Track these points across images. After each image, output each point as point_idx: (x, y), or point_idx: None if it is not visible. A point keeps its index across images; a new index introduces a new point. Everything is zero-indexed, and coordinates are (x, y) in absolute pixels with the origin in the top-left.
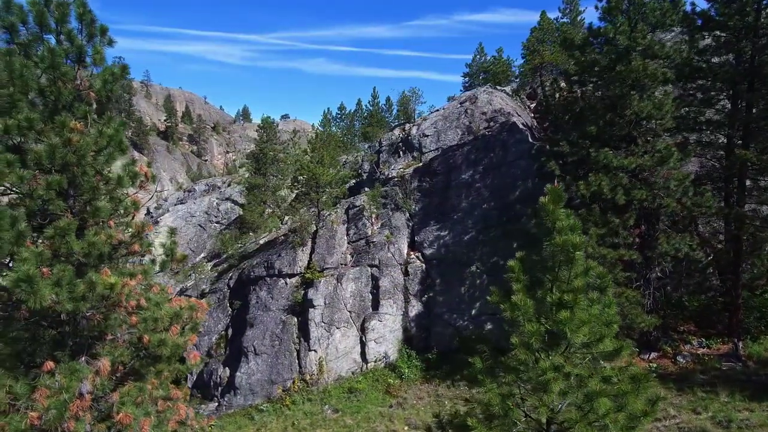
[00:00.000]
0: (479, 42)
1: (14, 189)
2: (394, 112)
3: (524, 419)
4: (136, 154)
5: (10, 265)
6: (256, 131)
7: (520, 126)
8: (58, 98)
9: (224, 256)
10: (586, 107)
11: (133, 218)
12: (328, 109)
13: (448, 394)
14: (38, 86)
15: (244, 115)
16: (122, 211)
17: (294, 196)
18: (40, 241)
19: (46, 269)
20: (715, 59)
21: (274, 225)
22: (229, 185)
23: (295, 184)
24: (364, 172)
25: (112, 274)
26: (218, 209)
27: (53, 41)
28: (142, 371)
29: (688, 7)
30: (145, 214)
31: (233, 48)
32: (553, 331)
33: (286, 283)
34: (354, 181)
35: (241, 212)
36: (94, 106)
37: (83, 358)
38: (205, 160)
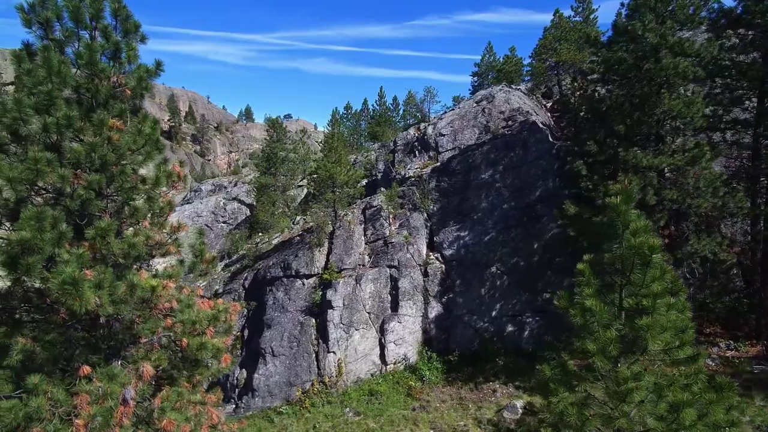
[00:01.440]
0: (488, 41)
1: (50, 189)
2: (401, 111)
3: (601, 430)
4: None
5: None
6: (266, 131)
7: (540, 125)
8: (95, 96)
9: (235, 256)
10: (613, 106)
11: (166, 219)
12: (336, 108)
13: (471, 397)
14: (76, 83)
15: (247, 114)
16: (157, 211)
17: (303, 195)
18: (79, 242)
19: (88, 271)
20: (741, 57)
21: (286, 225)
22: (235, 185)
23: (311, 183)
24: (379, 172)
25: (150, 276)
26: (225, 209)
27: (86, 38)
28: (175, 375)
29: (715, 5)
30: None
31: (234, 48)
32: (625, 338)
33: (303, 284)
34: (365, 181)
35: (249, 212)
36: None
37: (119, 362)
38: (209, 160)
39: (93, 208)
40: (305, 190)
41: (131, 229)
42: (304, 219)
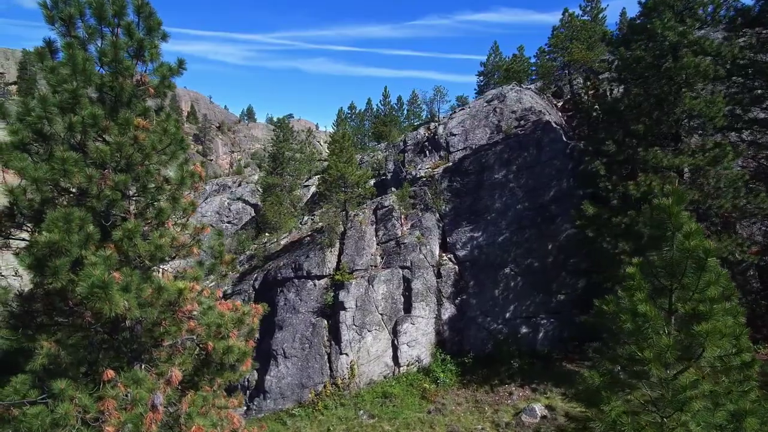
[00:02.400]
0: (494, 40)
1: (72, 190)
2: (405, 111)
3: None
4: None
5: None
6: (273, 131)
7: (554, 125)
8: (120, 95)
9: (243, 257)
10: (631, 105)
11: (188, 220)
12: (342, 108)
13: (487, 399)
14: (100, 81)
15: (249, 114)
16: (180, 212)
17: (309, 195)
18: (102, 243)
19: (116, 274)
20: (759, 57)
21: (294, 225)
22: (239, 185)
23: (322, 184)
24: (388, 172)
25: (175, 278)
26: (230, 209)
27: (109, 35)
28: (196, 379)
29: (737, 3)
30: None
31: (234, 47)
32: (679, 344)
33: (314, 285)
34: (372, 181)
35: (253, 212)
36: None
37: (142, 366)
38: (211, 160)
39: (118, 209)
40: (311, 190)
41: (157, 230)
42: (312, 219)
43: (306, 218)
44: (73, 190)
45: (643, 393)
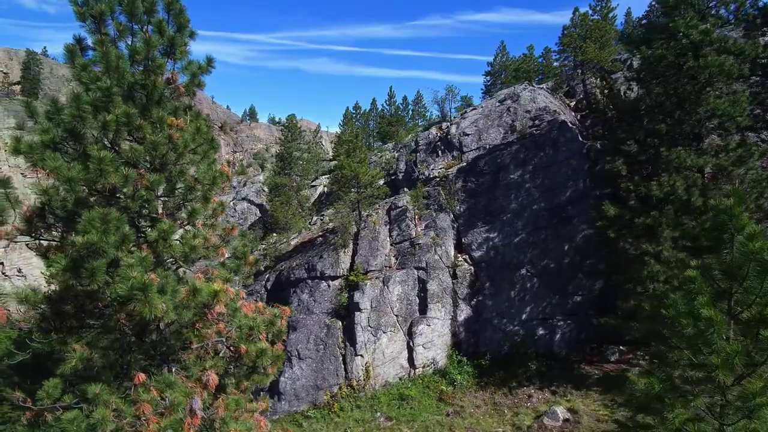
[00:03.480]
0: (501, 40)
1: (103, 190)
2: (410, 111)
3: None
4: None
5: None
6: (281, 130)
7: (569, 124)
8: (151, 93)
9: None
10: (653, 104)
11: (217, 220)
12: (348, 108)
13: (506, 402)
14: (133, 79)
15: (251, 114)
16: (210, 212)
17: (317, 195)
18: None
19: (154, 275)
20: None
21: (303, 225)
22: (244, 185)
23: (334, 184)
24: (400, 172)
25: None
26: (235, 209)
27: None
28: (224, 381)
29: (761, 2)
30: None
31: (236, 48)
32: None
33: (328, 286)
34: (381, 181)
35: (259, 212)
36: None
37: (173, 369)
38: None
39: (152, 209)
40: (318, 190)
41: (190, 230)
42: (322, 219)
43: (315, 218)
44: (104, 191)
45: (703, 400)
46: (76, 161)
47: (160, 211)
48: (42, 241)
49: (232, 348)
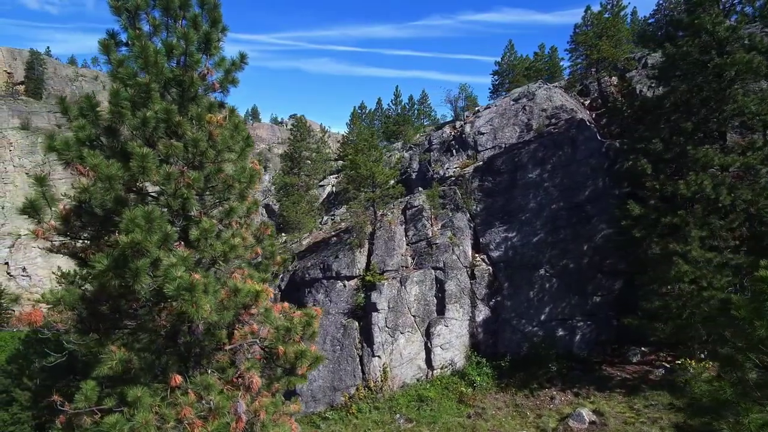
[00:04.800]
0: (509, 39)
1: (140, 188)
2: (415, 111)
3: None
4: None
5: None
6: (289, 130)
7: (588, 123)
8: (187, 89)
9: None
10: (678, 102)
11: (251, 219)
12: (355, 108)
13: (528, 404)
14: (172, 75)
15: (254, 114)
16: (245, 211)
17: (325, 195)
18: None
19: (197, 275)
20: None
21: (314, 225)
22: None
23: (349, 184)
24: (413, 171)
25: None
26: None
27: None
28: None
29: None
30: None
31: (236, 48)
32: None
33: (344, 286)
34: (393, 180)
35: (264, 213)
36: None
37: (208, 371)
38: None
39: (190, 208)
40: (326, 190)
41: (229, 229)
42: (333, 219)
43: (326, 218)
44: (140, 189)
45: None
46: (113, 159)
47: (194, 210)
48: (75, 242)
49: (266, 349)
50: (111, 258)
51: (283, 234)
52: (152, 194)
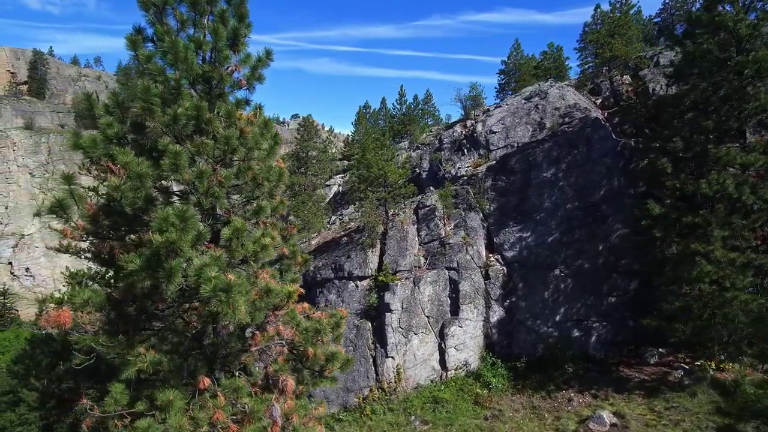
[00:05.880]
0: (515, 39)
1: (166, 187)
2: (419, 111)
3: None
4: None
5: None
6: (297, 129)
7: (602, 122)
8: (217, 85)
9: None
10: (697, 100)
11: (278, 218)
12: (360, 108)
13: (545, 406)
14: (201, 71)
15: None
16: (272, 210)
17: (332, 195)
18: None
19: (231, 275)
20: None
21: (322, 225)
22: None
23: (361, 184)
24: (424, 171)
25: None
26: None
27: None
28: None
29: None
30: None
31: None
32: None
33: (356, 286)
34: (401, 180)
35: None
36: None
37: (236, 373)
38: None
39: (220, 206)
40: (333, 189)
41: (259, 229)
42: (341, 218)
43: (333, 218)
44: (166, 188)
45: None
46: (141, 157)
47: (222, 209)
48: (103, 242)
49: (294, 351)
50: (143, 258)
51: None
52: (176, 193)
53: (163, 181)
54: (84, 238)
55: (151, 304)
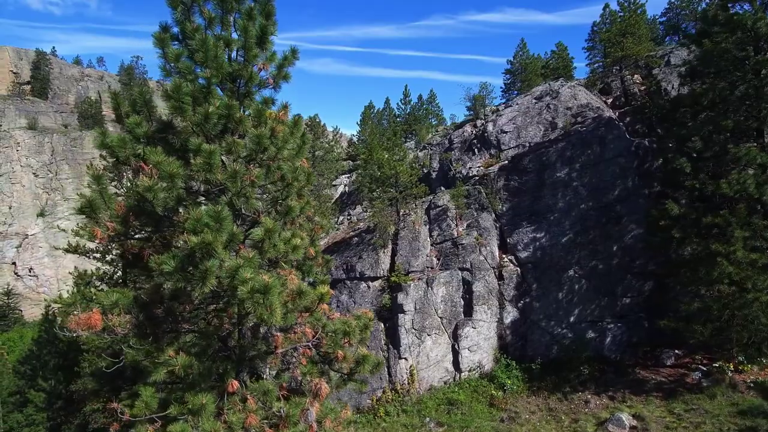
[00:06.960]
0: (521, 38)
1: (195, 187)
2: (423, 111)
3: None
4: None
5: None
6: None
7: (616, 121)
8: (248, 84)
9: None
10: (716, 100)
11: (305, 219)
12: (365, 107)
13: (562, 408)
14: (231, 69)
15: None
16: (300, 210)
17: (338, 195)
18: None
19: (267, 277)
20: None
21: (330, 226)
22: None
23: (375, 183)
24: (434, 171)
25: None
26: None
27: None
28: (303, 389)
29: None
30: None
31: None
32: None
33: (368, 287)
34: (413, 180)
35: None
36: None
37: (264, 376)
38: None
39: (250, 207)
40: (339, 190)
41: (289, 230)
42: (349, 219)
43: (341, 218)
44: (194, 188)
45: None
46: (171, 156)
47: (252, 210)
48: (131, 242)
49: (323, 353)
50: (178, 259)
51: None
52: (202, 193)
53: (191, 182)
54: (114, 240)
55: (178, 306)
